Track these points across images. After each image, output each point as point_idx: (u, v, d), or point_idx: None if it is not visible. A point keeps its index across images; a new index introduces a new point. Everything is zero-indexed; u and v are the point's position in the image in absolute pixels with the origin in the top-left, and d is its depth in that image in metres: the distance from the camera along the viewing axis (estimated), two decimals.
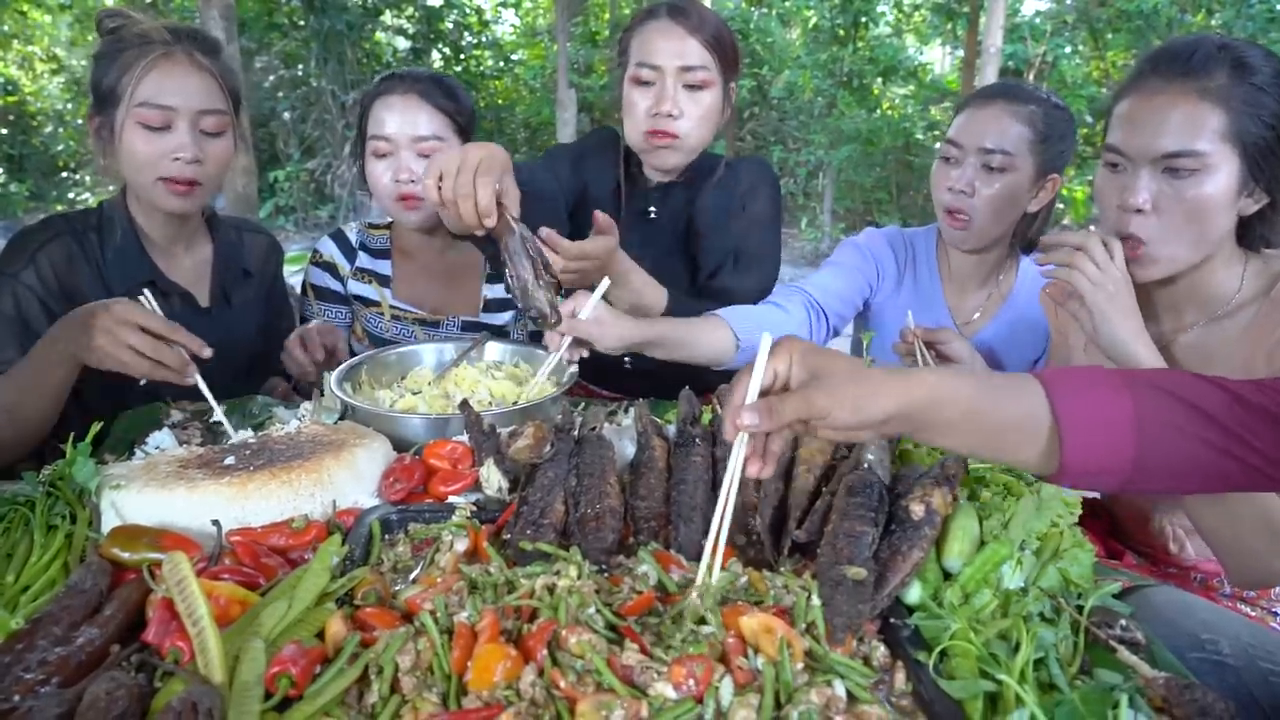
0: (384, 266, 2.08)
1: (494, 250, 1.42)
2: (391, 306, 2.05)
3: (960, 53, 12.30)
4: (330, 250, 2.08)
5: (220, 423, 1.44)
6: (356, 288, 2.07)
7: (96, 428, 1.27)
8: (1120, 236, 1.36)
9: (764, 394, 0.92)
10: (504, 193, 1.33)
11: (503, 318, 2.13)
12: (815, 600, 0.92)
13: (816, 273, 2.03)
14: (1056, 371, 0.93)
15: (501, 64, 13.70)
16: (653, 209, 1.93)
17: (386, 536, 1.12)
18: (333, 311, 2.07)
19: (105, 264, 1.71)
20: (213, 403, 1.44)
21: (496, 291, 2.13)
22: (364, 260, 2.08)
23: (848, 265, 2.01)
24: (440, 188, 1.31)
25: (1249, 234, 1.40)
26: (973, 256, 1.93)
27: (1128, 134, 1.34)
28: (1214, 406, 0.89)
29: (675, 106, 1.75)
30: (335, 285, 2.07)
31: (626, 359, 2.02)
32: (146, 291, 1.44)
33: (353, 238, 2.10)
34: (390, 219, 2.09)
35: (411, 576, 1.03)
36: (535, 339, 2.22)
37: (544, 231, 1.45)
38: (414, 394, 1.61)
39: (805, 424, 0.90)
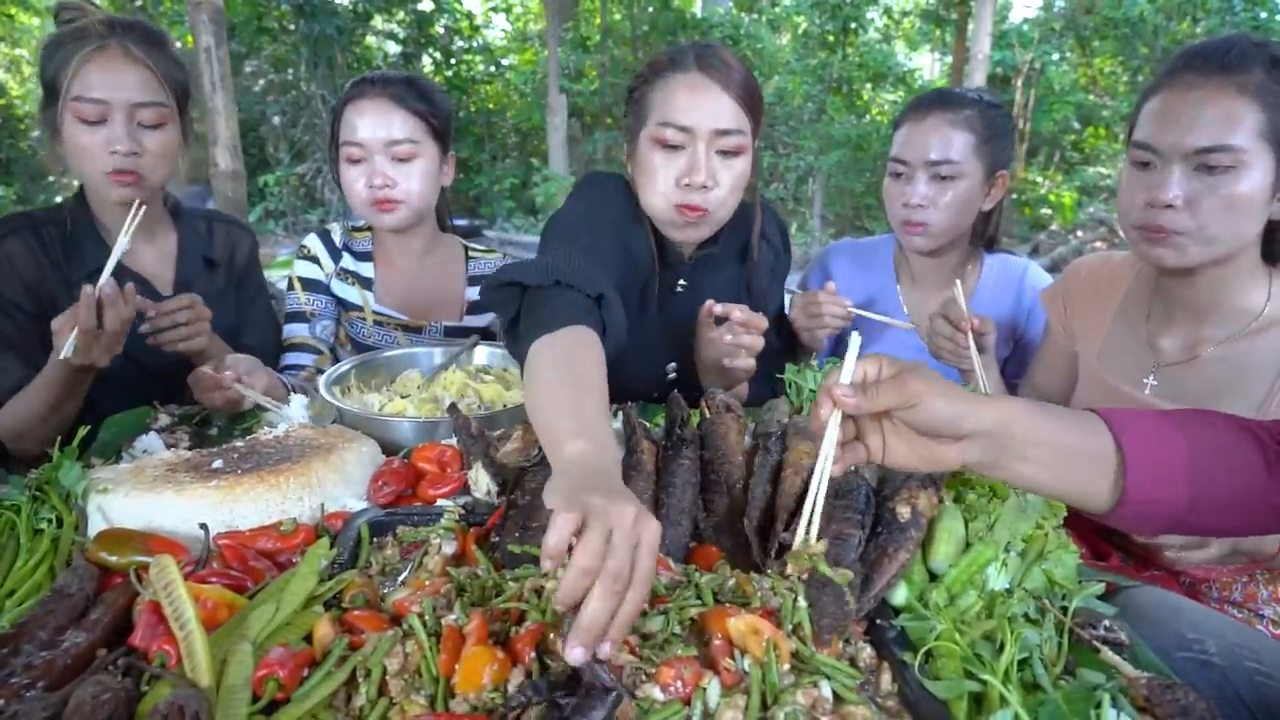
0: (366, 269, 2.06)
1: None
2: (374, 312, 2.03)
3: (949, 59, 12.37)
4: (316, 246, 2.06)
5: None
6: (340, 289, 2.05)
7: (83, 433, 1.27)
8: (1146, 230, 1.34)
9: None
10: None
11: (485, 319, 2.12)
12: (802, 602, 0.92)
13: None
14: (1115, 410, 0.93)
15: (492, 69, 13.69)
16: (682, 282, 1.77)
17: (375, 539, 1.12)
18: (320, 302, 2.04)
19: (64, 255, 1.71)
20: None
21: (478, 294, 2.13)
22: (348, 261, 2.06)
23: None
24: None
25: (1273, 249, 1.39)
26: (933, 260, 1.96)
27: (1160, 129, 1.30)
28: (1253, 449, 0.90)
29: (710, 177, 1.51)
30: (321, 277, 2.04)
31: (672, 367, 1.87)
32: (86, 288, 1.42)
33: (337, 238, 2.08)
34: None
35: (400, 579, 1.03)
36: None
37: None
38: (403, 397, 1.61)
39: (888, 416, 0.91)
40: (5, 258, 1.66)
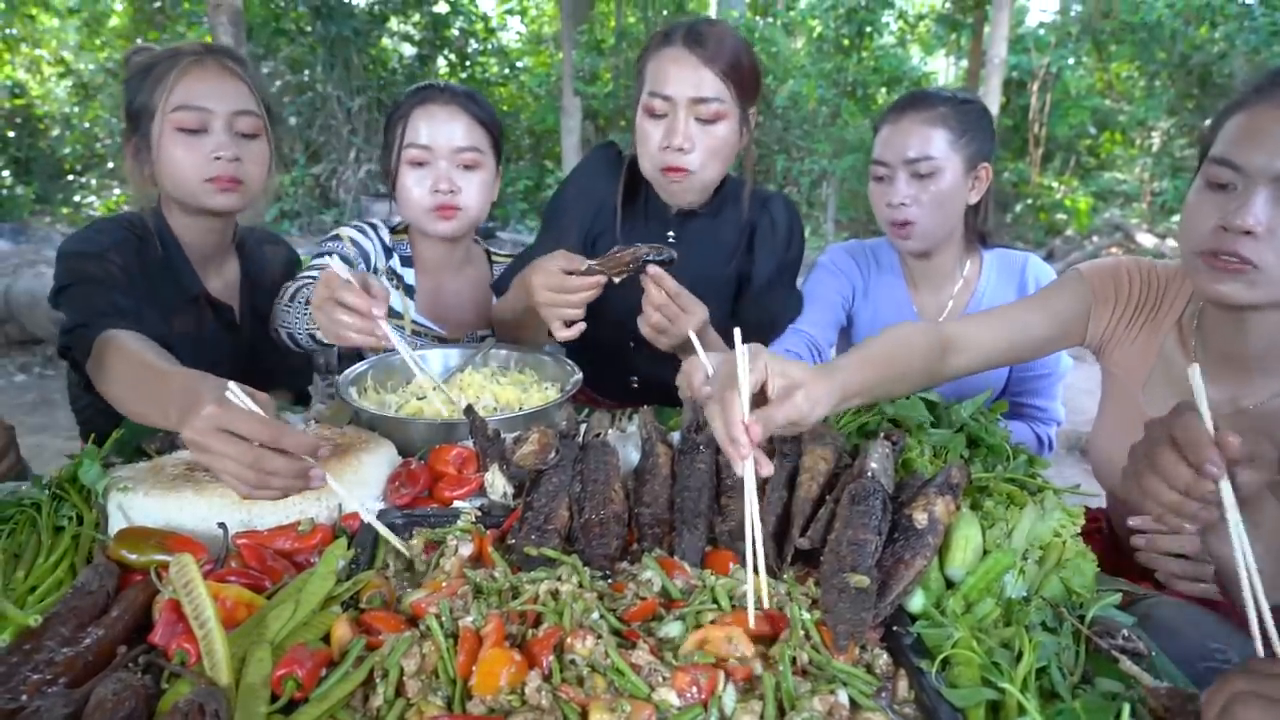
0: (410, 275, 2.02)
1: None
2: (413, 322, 1.99)
3: (964, 63, 12.33)
4: (369, 235, 1.97)
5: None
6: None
7: (118, 434, 1.28)
8: (1213, 258, 1.19)
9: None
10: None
11: None
12: (806, 614, 0.93)
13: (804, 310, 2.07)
14: None
15: (507, 71, 13.71)
16: (671, 234, 1.90)
17: None
18: (364, 266, 1.95)
19: (155, 273, 1.67)
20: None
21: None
22: (395, 263, 2.01)
23: (826, 292, 2.05)
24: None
25: None
26: (929, 260, 1.97)
27: (1247, 147, 1.15)
28: None
29: (686, 140, 1.69)
30: (373, 261, 1.96)
31: (634, 379, 2.01)
32: (233, 385, 1.07)
33: (385, 236, 2.02)
34: (405, 224, 2.02)
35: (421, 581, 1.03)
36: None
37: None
38: (419, 399, 1.62)
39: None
40: (111, 245, 1.61)
